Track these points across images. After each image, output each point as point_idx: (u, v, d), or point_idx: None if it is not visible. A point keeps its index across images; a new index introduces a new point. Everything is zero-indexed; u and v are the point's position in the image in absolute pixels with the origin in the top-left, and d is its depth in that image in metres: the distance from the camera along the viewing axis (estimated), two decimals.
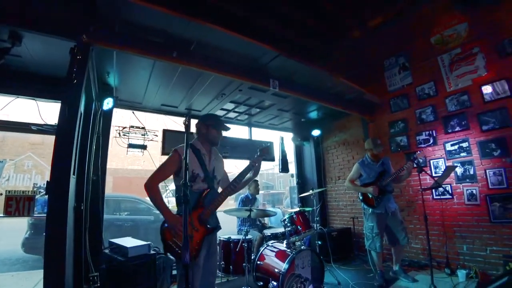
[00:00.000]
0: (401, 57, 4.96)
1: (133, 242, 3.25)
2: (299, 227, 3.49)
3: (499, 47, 3.76)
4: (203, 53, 3.25)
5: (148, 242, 3.22)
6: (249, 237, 3.49)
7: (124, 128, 4.27)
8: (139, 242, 3.20)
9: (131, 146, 4.26)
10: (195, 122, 2.34)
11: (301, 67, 3.77)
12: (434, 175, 4.16)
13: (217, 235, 2.29)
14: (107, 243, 3.49)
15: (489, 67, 3.86)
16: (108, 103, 3.67)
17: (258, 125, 6.10)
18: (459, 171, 4.01)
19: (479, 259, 3.71)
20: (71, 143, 2.34)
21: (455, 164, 4.02)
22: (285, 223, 3.53)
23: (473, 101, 3.98)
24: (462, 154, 4.02)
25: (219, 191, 2.25)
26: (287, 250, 3.14)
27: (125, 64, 3.32)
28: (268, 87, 3.85)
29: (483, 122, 3.85)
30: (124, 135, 4.25)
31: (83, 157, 3.40)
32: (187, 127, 1.79)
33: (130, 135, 4.28)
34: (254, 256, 3.46)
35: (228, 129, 2.33)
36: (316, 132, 6.19)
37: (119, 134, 4.21)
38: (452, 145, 4.14)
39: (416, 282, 3.52)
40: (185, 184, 1.54)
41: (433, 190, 4.22)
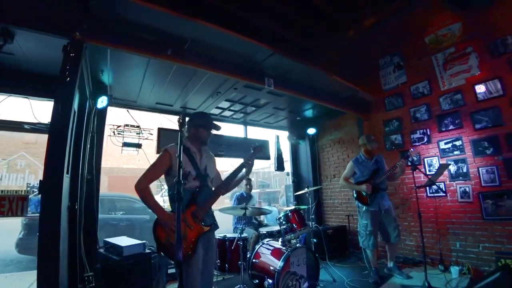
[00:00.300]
0: (396, 56, 4.99)
1: (128, 241, 3.23)
2: (294, 225, 3.50)
3: (492, 47, 3.80)
4: (197, 51, 3.24)
5: (143, 241, 3.20)
6: (244, 235, 3.50)
7: (118, 126, 4.23)
8: (134, 241, 3.18)
9: (125, 144, 4.23)
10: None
11: (296, 65, 3.78)
12: (428, 173, 4.20)
13: (214, 233, 2.28)
14: (102, 242, 3.47)
15: (482, 66, 3.90)
16: (102, 101, 3.64)
17: (253, 123, 6.10)
18: (452, 169, 4.06)
19: (471, 256, 3.77)
20: (64, 141, 2.32)
21: (448, 162, 4.07)
22: (281, 221, 3.54)
23: (467, 100, 4.02)
24: (456, 152, 4.06)
25: (213, 189, 2.25)
26: (283, 248, 3.15)
27: (119, 62, 3.29)
28: (263, 85, 3.85)
29: (476, 121, 3.89)
30: (118, 133, 4.21)
31: (77, 156, 3.37)
32: (181, 125, 1.78)
33: (125, 133, 4.25)
34: (249, 254, 3.47)
35: (219, 129, 2.29)
36: (311, 131, 6.21)
37: (113, 132, 4.18)
38: (445, 143, 4.18)
39: (410, 279, 3.56)
40: (178, 182, 1.54)
41: (427, 188, 4.26)
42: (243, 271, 3.20)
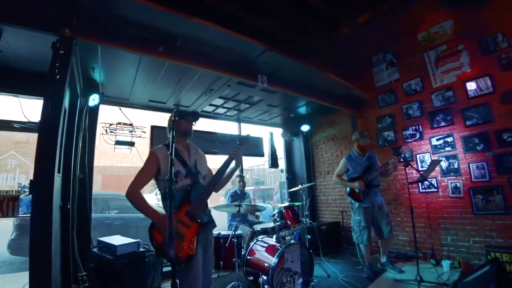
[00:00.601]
0: (389, 53, 5.02)
1: (122, 240, 3.21)
2: (288, 221, 3.51)
3: (483, 45, 3.85)
4: (190, 47, 3.21)
5: (137, 240, 3.18)
6: (239, 232, 3.50)
7: (111, 125, 4.17)
8: (128, 240, 3.16)
9: (118, 143, 4.17)
10: None
11: (289, 62, 3.77)
12: (420, 169, 4.25)
13: (212, 232, 2.25)
14: (96, 242, 3.44)
15: (473, 64, 3.95)
16: (94, 99, 3.58)
17: (247, 120, 6.09)
18: (444, 165, 4.12)
19: (462, 250, 3.84)
20: (54, 140, 2.28)
21: (440, 158, 4.13)
22: (275, 217, 3.55)
23: (458, 97, 4.07)
24: (447, 149, 4.12)
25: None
26: (277, 245, 3.17)
27: (111, 59, 3.24)
28: (257, 82, 3.84)
29: (467, 118, 3.95)
30: (111, 132, 4.16)
31: (69, 155, 3.33)
32: (174, 122, 1.75)
33: (118, 132, 4.19)
34: (244, 251, 3.47)
35: (197, 117, 2.14)
36: (305, 128, 6.23)
37: (106, 131, 4.13)
38: (437, 139, 4.24)
39: (403, 273, 3.61)
40: (170, 179, 1.52)
41: (419, 184, 4.32)
42: (237, 268, 3.20)
